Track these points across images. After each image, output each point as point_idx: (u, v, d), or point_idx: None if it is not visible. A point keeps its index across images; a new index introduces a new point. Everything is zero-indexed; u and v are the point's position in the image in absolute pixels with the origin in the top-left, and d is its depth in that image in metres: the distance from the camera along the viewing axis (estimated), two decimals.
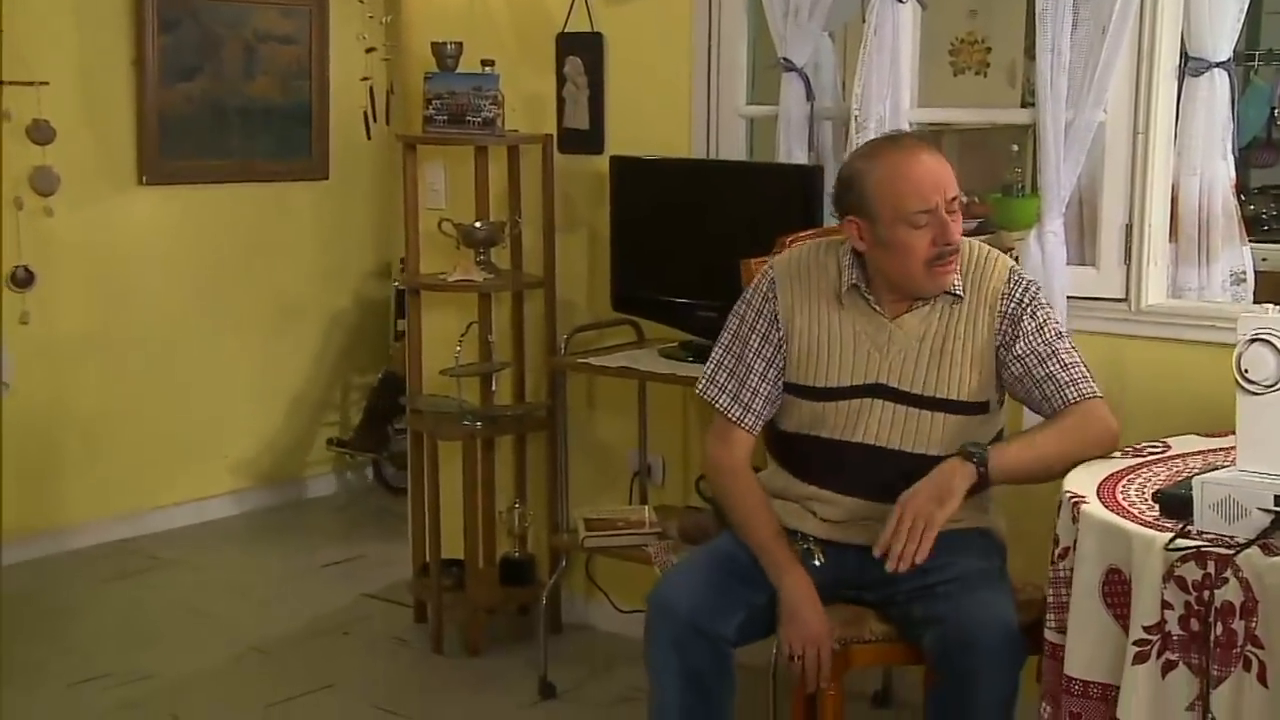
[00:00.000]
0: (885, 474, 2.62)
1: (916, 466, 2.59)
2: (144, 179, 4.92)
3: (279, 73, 5.24)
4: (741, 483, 2.72)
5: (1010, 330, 2.62)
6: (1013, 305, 2.63)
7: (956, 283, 2.63)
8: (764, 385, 2.70)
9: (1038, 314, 2.63)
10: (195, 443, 5.15)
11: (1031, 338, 2.61)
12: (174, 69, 4.95)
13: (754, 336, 2.70)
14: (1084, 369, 2.61)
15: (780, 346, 2.69)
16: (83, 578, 4.57)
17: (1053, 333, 2.62)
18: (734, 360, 2.72)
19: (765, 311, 2.70)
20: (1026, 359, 2.60)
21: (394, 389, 5.18)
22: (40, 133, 4.59)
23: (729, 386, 2.72)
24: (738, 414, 2.71)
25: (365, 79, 4.98)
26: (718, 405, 2.72)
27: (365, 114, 5.04)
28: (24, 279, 4.62)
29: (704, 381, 2.75)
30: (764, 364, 2.70)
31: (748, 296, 2.75)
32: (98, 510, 4.87)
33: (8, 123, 4.51)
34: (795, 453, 2.74)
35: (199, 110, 5.04)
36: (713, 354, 2.77)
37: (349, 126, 5.34)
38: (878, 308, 2.65)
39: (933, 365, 2.63)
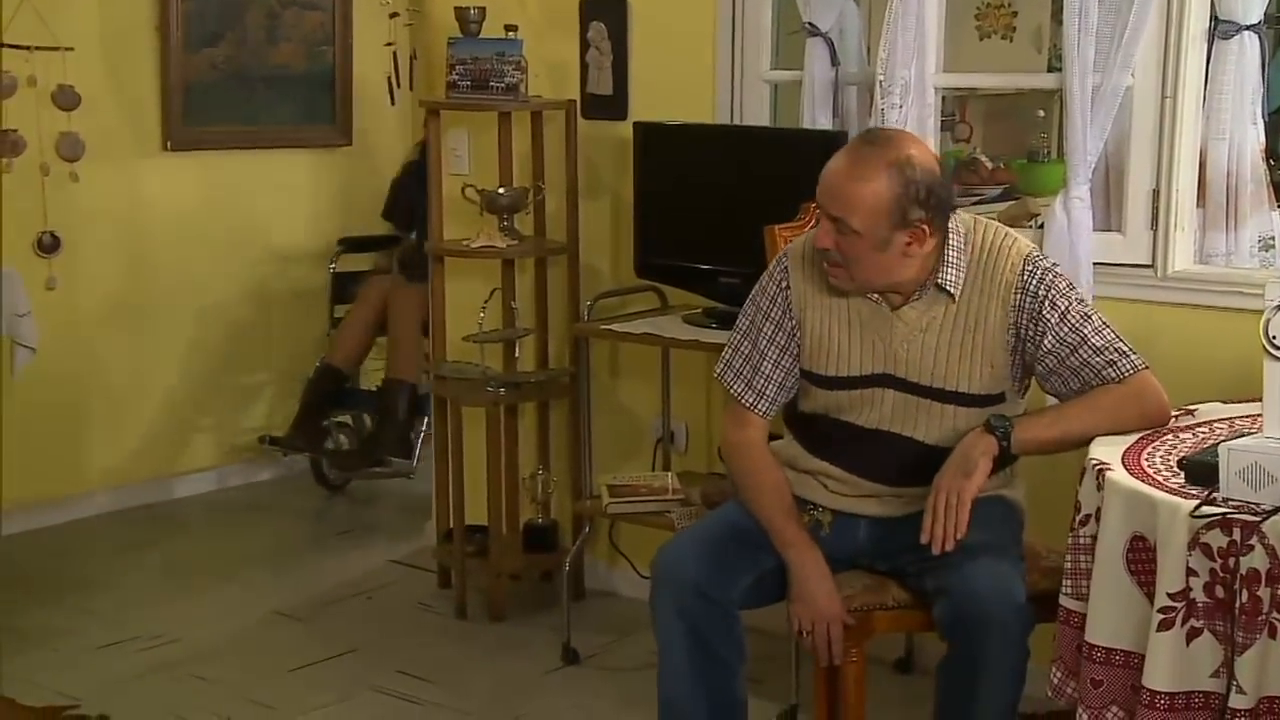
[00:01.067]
0: (899, 460, 2.63)
1: (930, 456, 2.59)
2: (168, 145, 4.92)
3: (302, 39, 5.23)
4: (755, 461, 2.72)
5: (1033, 326, 2.56)
6: (1028, 299, 2.56)
7: (952, 277, 2.58)
8: (777, 372, 2.70)
9: (1059, 303, 2.55)
10: (219, 409, 5.17)
11: (1057, 330, 2.54)
12: (197, 35, 4.95)
13: (768, 324, 2.69)
14: (1119, 346, 2.54)
15: (793, 335, 2.68)
16: (108, 543, 4.60)
17: (1078, 317, 2.55)
18: (749, 346, 2.71)
19: (779, 300, 2.68)
20: (1057, 351, 2.54)
21: (330, 382, 4.99)
22: (65, 98, 4.59)
23: (744, 372, 2.72)
24: (751, 400, 2.71)
25: (389, 44, 4.96)
26: (732, 391, 2.73)
27: (389, 80, 5.03)
28: (50, 245, 4.63)
29: (721, 365, 2.76)
30: (777, 352, 2.69)
31: (763, 283, 2.73)
32: (122, 476, 4.90)
33: (33, 88, 4.52)
34: (812, 431, 2.74)
35: (223, 76, 5.03)
36: (730, 337, 2.76)
37: (372, 92, 5.33)
38: (876, 299, 2.62)
39: (940, 357, 2.60)
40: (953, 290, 2.59)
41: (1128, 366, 2.52)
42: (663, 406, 3.89)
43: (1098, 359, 2.52)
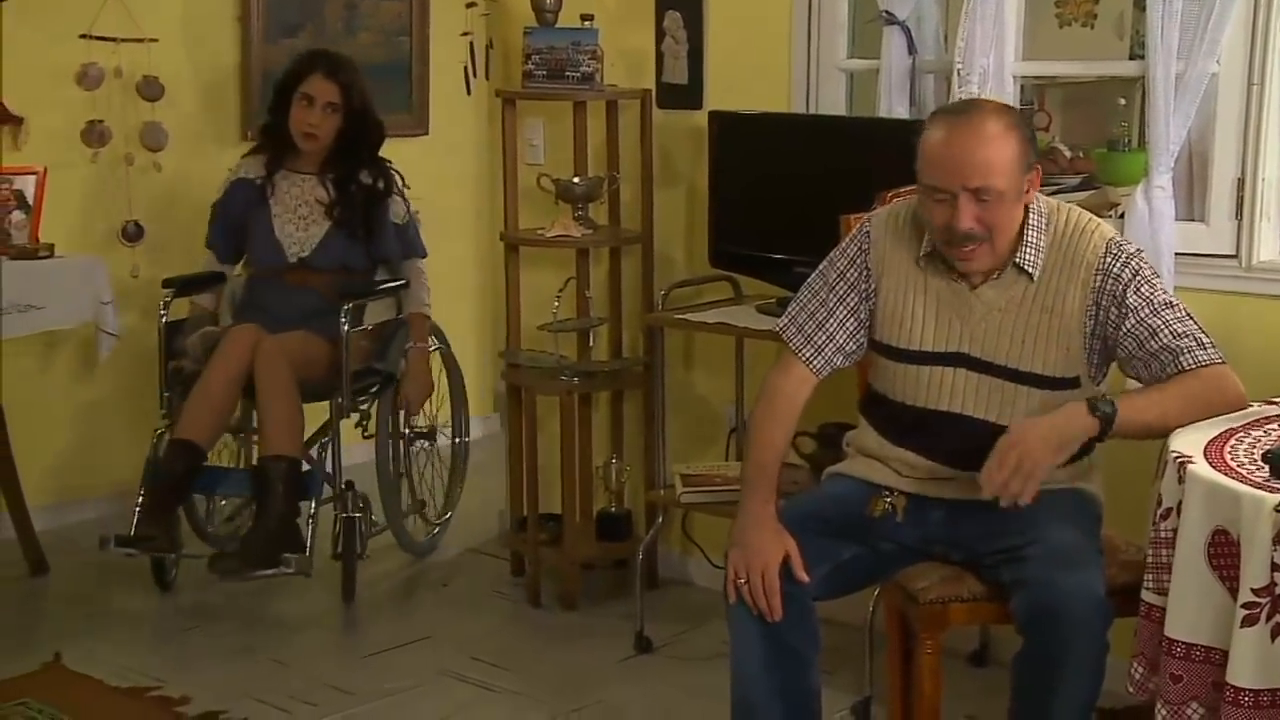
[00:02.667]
0: (970, 443, 2.59)
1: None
2: (248, 134, 4.97)
3: (380, 29, 5.27)
4: (778, 410, 2.72)
5: (1115, 310, 2.53)
6: (1111, 282, 2.54)
7: (1030, 257, 2.57)
8: (840, 333, 2.71)
9: (1142, 289, 2.53)
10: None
11: (1138, 313, 2.51)
12: (277, 25, 5.00)
13: (841, 284, 2.71)
14: (1200, 337, 2.50)
15: (867, 299, 2.69)
16: (189, 530, 4.67)
17: (1161, 303, 2.52)
18: (817, 304, 2.73)
19: (858, 261, 2.70)
20: (1137, 334, 2.52)
21: (185, 460, 3.81)
22: (150, 89, 4.66)
23: (806, 328, 2.73)
24: (808, 354, 2.72)
25: (465, 34, 5.00)
26: (791, 344, 2.74)
27: (465, 69, 5.07)
28: (134, 233, 4.71)
29: (784, 320, 2.77)
30: (845, 312, 2.70)
31: (843, 245, 2.75)
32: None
33: (119, 79, 4.59)
34: (883, 413, 2.73)
35: None
36: (798, 295, 2.78)
37: (449, 82, 5.36)
38: (956, 278, 2.61)
39: (1016, 338, 2.58)
40: (1031, 270, 2.57)
41: (1204, 358, 2.48)
42: (736, 396, 3.89)
43: (1177, 344, 2.49)
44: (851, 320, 2.71)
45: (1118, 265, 2.55)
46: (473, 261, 5.67)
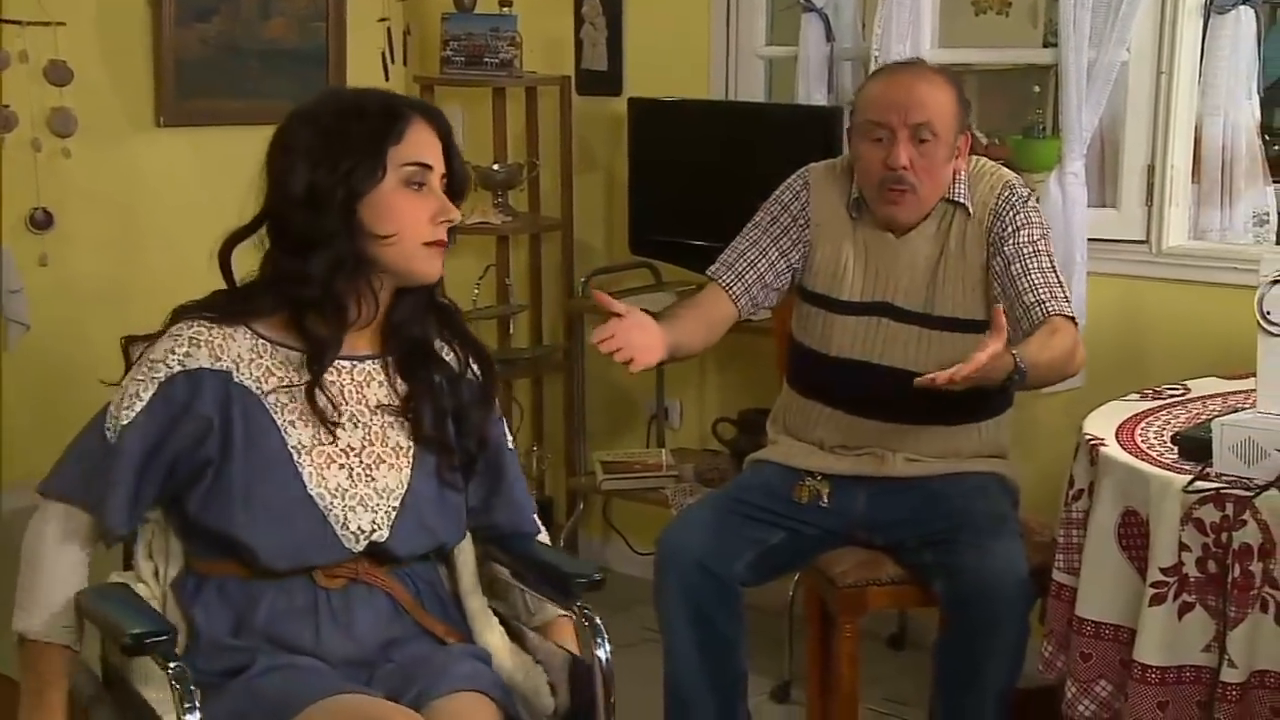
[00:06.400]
0: (884, 391, 2.61)
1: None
2: (161, 121, 4.89)
3: (295, 14, 5.20)
4: (685, 302, 2.77)
5: (995, 249, 2.59)
6: (999, 225, 2.60)
7: (964, 190, 2.62)
8: (762, 263, 2.71)
9: (1021, 232, 2.58)
10: None
11: (1008, 254, 2.57)
12: (190, 9, 4.91)
13: (775, 227, 2.72)
14: (1059, 292, 2.55)
15: (799, 244, 2.70)
16: None
17: (1029, 250, 2.57)
18: (746, 245, 2.73)
19: (793, 208, 2.72)
20: (1005, 274, 2.57)
21: None
22: (57, 74, 4.56)
23: (730, 261, 2.72)
24: (728, 280, 2.70)
25: (383, 20, 4.94)
26: (715, 277, 2.71)
27: (383, 55, 5.01)
28: (43, 221, 4.61)
29: (715, 265, 2.74)
30: (776, 253, 2.71)
31: (778, 193, 2.75)
32: None
33: (25, 64, 4.50)
34: (803, 367, 2.74)
35: (215, 52, 5.00)
36: (732, 243, 2.76)
37: (367, 68, 5.31)
38: (883, 227, 2.65)
39: (934, 283, 2.63)
40: (964, 201, 2.62)
41: (1055, 309, 2.52)
42: (657, 383, 3.89)
43: (1031, 296, 2.52)
44: (781, 261, 2.71)
45: (1008, 210, 2.60)
46: None
